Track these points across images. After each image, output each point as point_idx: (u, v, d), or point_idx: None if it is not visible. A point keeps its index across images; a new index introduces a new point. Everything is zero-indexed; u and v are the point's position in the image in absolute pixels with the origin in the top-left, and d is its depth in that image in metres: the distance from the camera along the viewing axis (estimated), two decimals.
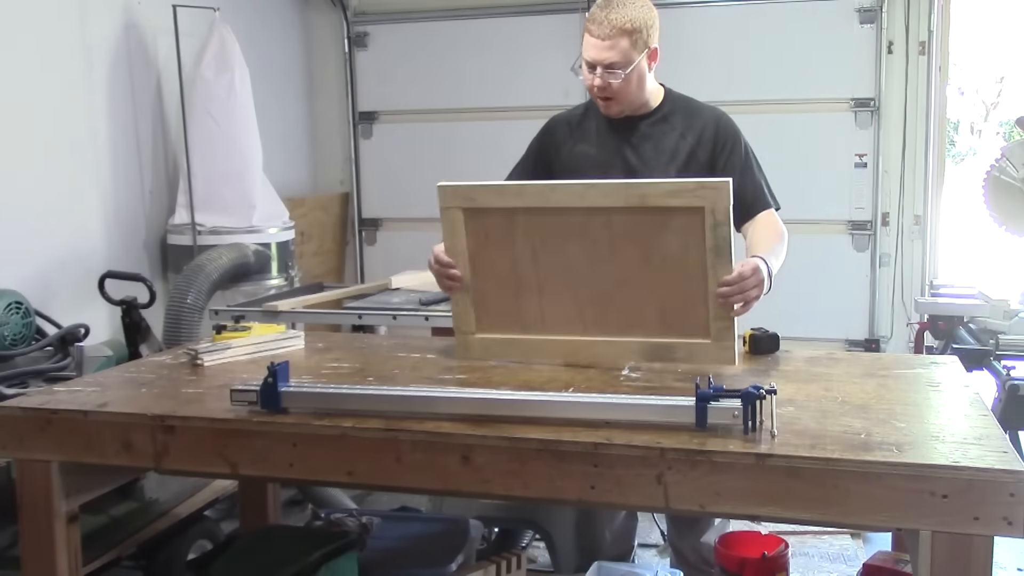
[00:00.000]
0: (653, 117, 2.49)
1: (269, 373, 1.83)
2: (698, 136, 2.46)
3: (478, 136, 5.56)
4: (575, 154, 2.53)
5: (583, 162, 2.51)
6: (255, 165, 4.49)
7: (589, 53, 2.36)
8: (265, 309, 3.38)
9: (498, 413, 1.77)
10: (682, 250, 2.05)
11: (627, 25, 2.31)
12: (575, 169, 2.52)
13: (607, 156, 2.50)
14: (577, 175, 2.51)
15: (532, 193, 2.17)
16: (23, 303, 3.02)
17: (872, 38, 5.05)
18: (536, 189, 2.19)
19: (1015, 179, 3.46)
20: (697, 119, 2.48)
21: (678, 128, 2.47)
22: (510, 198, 2.17)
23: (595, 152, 2.51)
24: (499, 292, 2.22)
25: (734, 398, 1.66)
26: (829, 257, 5.21)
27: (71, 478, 1.97)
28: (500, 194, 2.19)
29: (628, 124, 2.49)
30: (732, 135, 2.47)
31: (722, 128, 2.47)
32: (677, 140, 2.46)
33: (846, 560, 3.47)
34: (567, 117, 2.61)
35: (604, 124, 2.51)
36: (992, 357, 3.12)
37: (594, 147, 2.51)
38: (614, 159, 2.49)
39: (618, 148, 2.49)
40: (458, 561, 2.51)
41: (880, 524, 1.56)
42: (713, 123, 2.47)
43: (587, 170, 2.50)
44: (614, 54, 2.33)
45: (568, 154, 2.54)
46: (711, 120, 2.48)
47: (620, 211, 2.08)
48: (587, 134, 2.54)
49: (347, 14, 5.76)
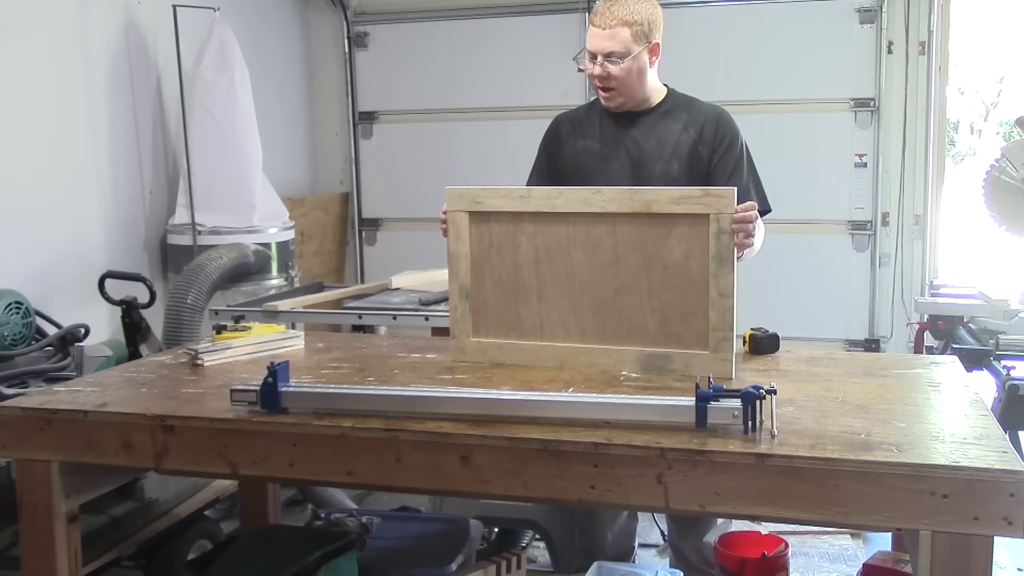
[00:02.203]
0: (655, 112, 2.53)
1: (269, 373, 1.84)
2: (699, 130, 2.49)
3: (478, 136, 5.56)
4: (578, 149, 2.56)
5: (586, 156, 2.54)
6: (255, 165, 4.49)
7: (591, 43, 2.42)
8: (265, 309, 3.38)
9: (498, 413, 1.77)
10: (684, 257, 2.07)
11: (628, 17, 2.38)
12: (578, 164, 2.55)
13: (610, 150, 2.52)
14: (581, 169, 2.53)
15: (538, 197, 2.19)
16: (23, 303, 3.02)
17: (872, 38, 5.05)
18: (542, 193, 2.21)
19: (1015, 179, 3.46)
20: (699, 115, 2.52)
21: (680, 122, 2.51)
22: (516, 202, 2.19)
23: (598, 146, 2.54)
24: (498, 298, 2.23)
25: (734, 398, 1.66)
26: (829, 257, 5.21)
27: (71, 478, 1.98)
28: (507, 198, 2.20)
29: (630, 118, 2.52)
30: (731, 134, 2.51)
31: (723, 125, 2.51)
32: (679, 133, 2.49)
33: (846, 560, 3.47)
34: (570, 115, 2.66)
35: (607, 119, 2.55)
36: (992, 357, 3.11)
37: (597, 141, 2.54)
38: (617, 152, 2.51)
39: (620, 142, 2.52)
40: (458, 561, 2.51)
41: (880, 524, 1.56)
42: (715, 120, 2.51)
43: (590, 164, 2.52)
44: (614, 43, 2.39)
45: (571, 149, 2.58)
46: (712, 116, 2.52)
47: (625, 217, 2.10)
48: (590, 129, 2.57)
49: (347, 14, 5.76)
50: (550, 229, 2.16)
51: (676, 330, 2.10)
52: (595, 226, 2.12)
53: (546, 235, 2.16)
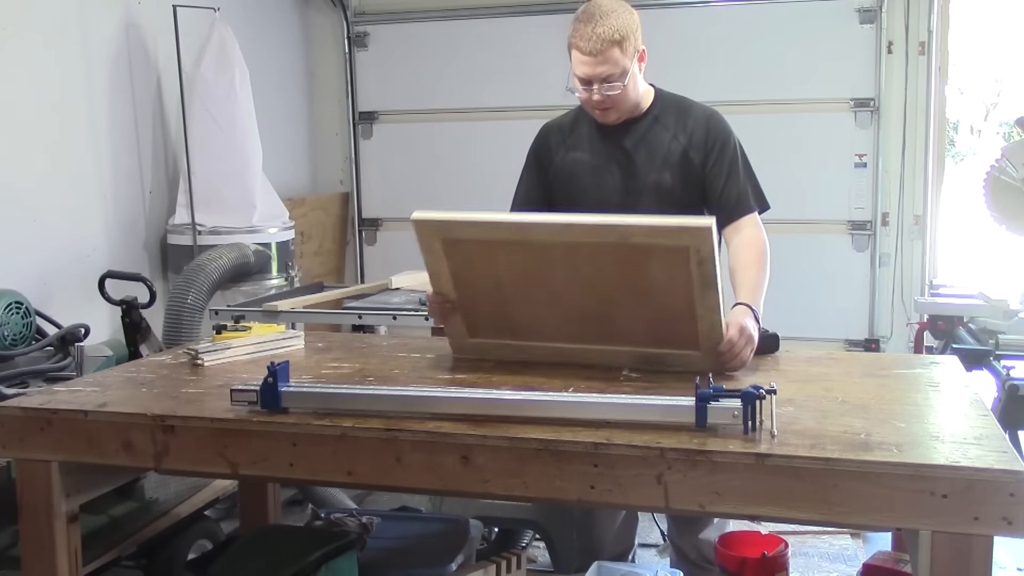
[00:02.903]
0: (645, 119, 2.47)
1: (269, 373, 1.83)
2: (689, 136, 2.44)
3: (478, 136, 5.56)
4: (568, 161, 2.52)
5: (577, 168, 2.50)
6: (255, 165, 4.49)
7: (582, 70, 2.33)
8: (265, 309, 3.38)
9: (498, 413, 1.77)
10: (668, 280, 1.99)
11: (615, 35, 2.28)
12: (570, 175, 2.51)
13: (601, 161, 2.48)
14: (572, 181, 2.50)
15: (509, 228, 2.08)
16: (23, 303, 3.02)
17: (872, 38, 5.05)
18: (513, 225, 2.10)
19: (1015, 179, 3.46)
20: (688, 119, 2.46)
21: (670, 129, 2.46)
22: (485, 231, 2.08)
23: (589, 158, 2.50)
24: (487, 304, 2.18)
25: (734, 398, 1.66)
26: (829, 257, 5.22)
27: (71, 478, 1.97)
28: (475, 227, 2.08)
29: (620, 128, 2.47)
30: (722, 135, 2.45)
31: (712, 128, 2.45)
32: (669, 141, 2.45)
33: (846, 560, 3.47)
34: (558, 124, 2.59)
35: (596, 129, 2.50)
36: (992, 357, 3.11)
37: (587, 153, 2.50)
38: (608, 164, 2.48)
39: (611, 153, 2.48)
40: (458, 561, 2.51)
41: (880, 524, 1.56)
42: (704, 123, 2.45)
43: (582, 176, 2.49)
44: (608, 67, 2.30)
45: (562, 161, 2.53)
46: (702, 120, 2.46)
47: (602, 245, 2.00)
48: (580, 140, 2.52)
49: (347, 14, 5.76)
50: (528, 253, 2.06)
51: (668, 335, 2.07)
52: (574, 252, 2.03)
53: (524, 258, 2.07)
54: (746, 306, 2.18)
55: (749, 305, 2.19)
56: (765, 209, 2.49)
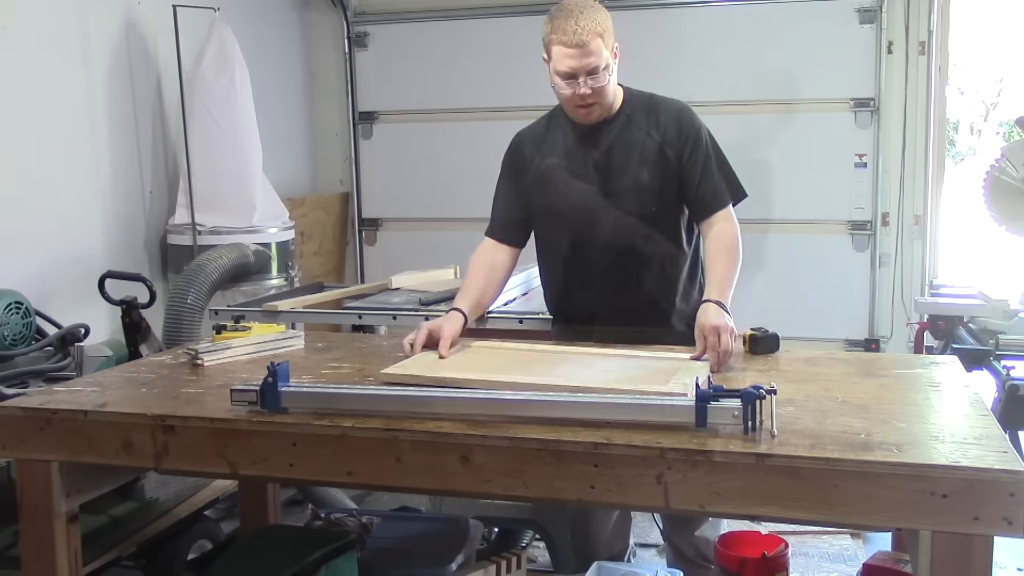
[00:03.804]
0: (618, 119, 2.49)
1: (269, 373, 1.84)
2: (663, 133, 2.46)
3: (478, 136, 5.55)
4: (544, 168, 2.53)
5: (553, 174, 2.51)
6: (255, 165, 4.49)
7: (567, 64, 2.33)
8: (265, 309, 3.38)
9: (498, 413, 1.77)
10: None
11: (597, 27, 2.31)
12: (545, 182, 2.52)
13: (578, 165, 2.49)
14: (548, 188, 2.52)
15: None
16: (23, 303, 3.02)
17: (872, 38, 5.04)
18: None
19: (1015, 179, 3.46)
20: (660, 115, 2.48)
21: (643, 127, 2.47)
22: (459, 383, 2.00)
23: (565, 163, 2.51)
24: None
25: (734, 398, 1.66)
26: (829, 257, 5.21)
27: (71, 478, 1.98)
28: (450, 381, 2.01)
29: (593, 130, 2.48)
30: (695, 129, 2.47)
31: (685, 123, 2.47)
32: (643, 139, 2.46)
33: (846, 560, 3.47)
34: (531, 132, 2.61)
35: (570, 134, 2.51)
36: (992, 357, 3.11)
37: (563, 158, 2.51)
38: (585, 167, 2.48)
39: (587, 155, 2.49)
40: (458, 561, 2.51)
41: (880, 524, 1.56)
42: (676, 118, 2.47)
43: (558, 182, 2.50)
44: (594, 58, 2.31)
45: (537, 169, 2.54)
46: (673, 115, 2.48)
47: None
48: (554, 147, 2.53)
49: (347, 14, 5.76)
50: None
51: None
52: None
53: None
54: (714, 302, 2.26)
55: (718, 301, 2.27)
56: (742, 198, 2.52)
